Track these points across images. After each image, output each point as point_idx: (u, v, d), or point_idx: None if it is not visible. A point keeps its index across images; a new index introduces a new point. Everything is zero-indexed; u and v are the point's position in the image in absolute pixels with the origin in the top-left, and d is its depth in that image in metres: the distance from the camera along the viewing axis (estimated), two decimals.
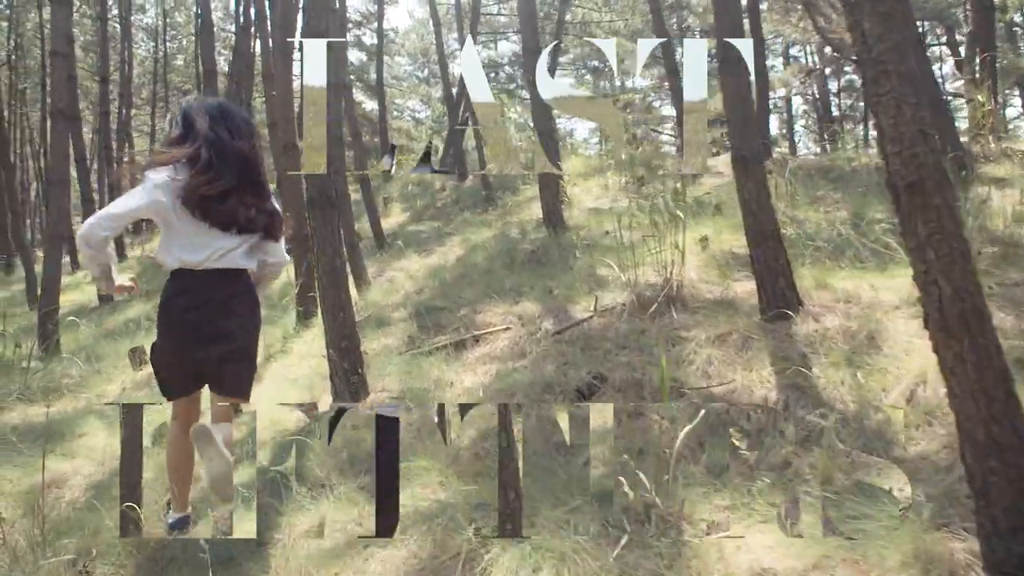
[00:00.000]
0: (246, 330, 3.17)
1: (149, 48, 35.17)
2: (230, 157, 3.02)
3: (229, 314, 3.07)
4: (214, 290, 3.05)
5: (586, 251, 8.38)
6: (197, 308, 3.04)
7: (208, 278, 3.04)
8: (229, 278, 3.08)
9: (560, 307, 6.05)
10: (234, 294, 3.09)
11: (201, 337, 3.04)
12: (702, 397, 3.97)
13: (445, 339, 5.79)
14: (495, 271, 7.99)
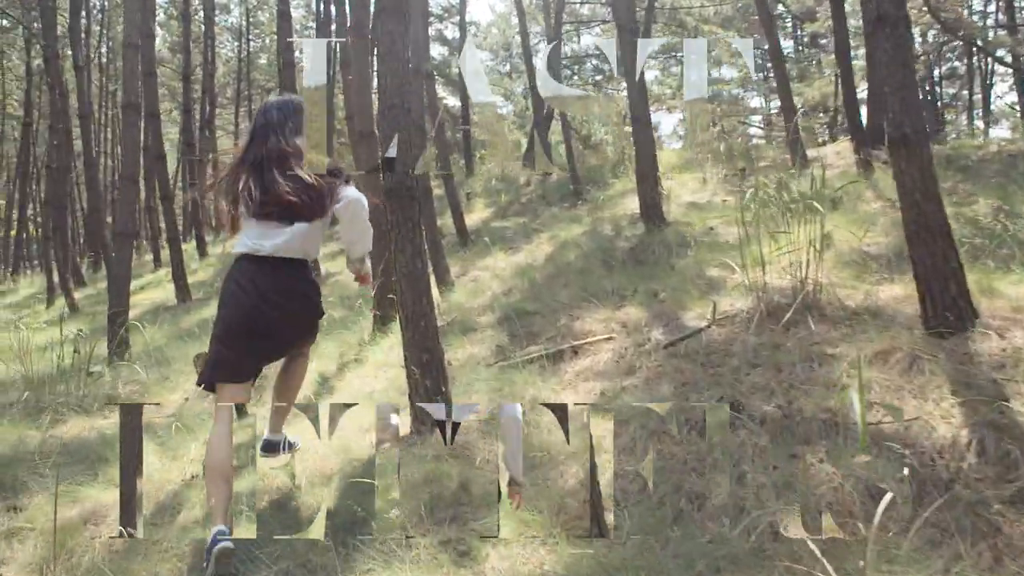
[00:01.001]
0: (300, 318, 3.40)
1: (233, 48, 35.56)
2: (251, 152, 3.35)
3: (279, 297, 3.25)
4: (266, 274, 3.25)
5: (690, 249, 7.57)
6: (248, 291, 3.25)
7: (262, 262, 3.26)
8: (276, 264, 3.26)
9: (669, 313, 5.27)
10: (286, 279, 3.28)
11: (253, 323, 3.26)
12: (873, 436, 3.15)
13: (539, 349, 5.08)
14: (591, 271, 7.25)
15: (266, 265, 3.25)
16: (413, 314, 3.96)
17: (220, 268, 16.47)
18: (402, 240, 3.96)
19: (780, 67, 11.62)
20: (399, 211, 3.98)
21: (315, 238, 3.36)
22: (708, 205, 10.33)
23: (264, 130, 3.34)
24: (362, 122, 6.08)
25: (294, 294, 3.29)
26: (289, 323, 3.32)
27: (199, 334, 8.86)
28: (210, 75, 23.02)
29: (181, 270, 12.89)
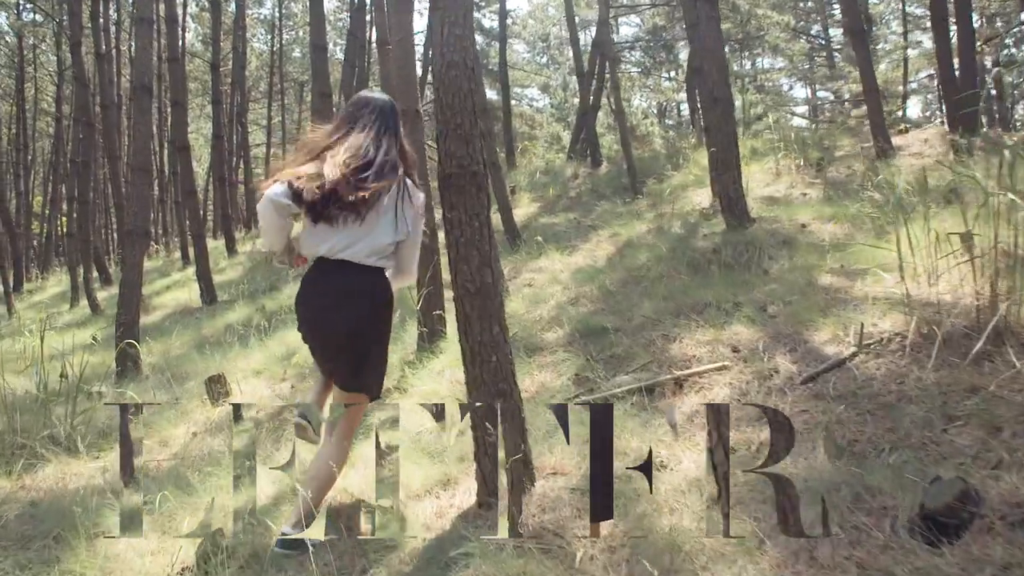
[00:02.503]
0: (362, 324, 3.06)
1: (266, 41, 34.82)
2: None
3: (344, 307, 3.04)
4: (335, 281, 3.06)
5: (785, 250, 6.47)
6: (319, 296, 3.08)
7: (332, 268, 3.06)
8: (349, 271, 3.05)
9: (791, 335, 4.19)
10: (354, 287, 3.05)
11: (319, 325, 3.12)
12: None
13: (632, 380, 4.02)
14: (672, 277, 6.17)
15: (339, 268, 3.07)
16: (481, 345, 2.93)
17: (250, 267, 15.60)
18: (465, 246, 2.93)
19: (862, 45, 10.41)
20: (461, 206, 2.94)
21: (384, 240, 3.08)
22: (787, 199, 9.20)
23: (347, 116, 3.18)
24: (405, 99, 5.06)
25: (363, 301, 3.08)
26: (344, 333, 3.05)
27: (221, 343, 7.94)
28: (241, 66, 22.19)
29: (206, 269, 12.00)
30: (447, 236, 2.99)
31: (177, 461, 4.20)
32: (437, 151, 3.03)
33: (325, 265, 3.06)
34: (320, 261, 3.08)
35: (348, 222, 2.97)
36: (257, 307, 10.41)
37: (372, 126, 3.07)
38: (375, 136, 3.05)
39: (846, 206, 7.64)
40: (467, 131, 2.96)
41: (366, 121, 3.08)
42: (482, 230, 2.95)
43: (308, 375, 5.56)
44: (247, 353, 7.18)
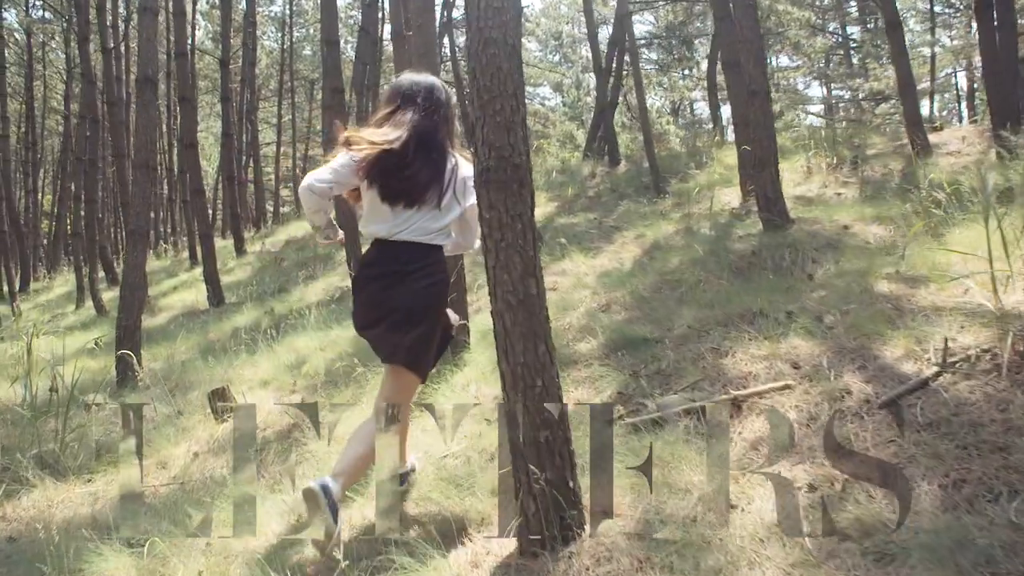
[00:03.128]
0: (416, 299, 3.04)
1: (277, 39, 34.47)
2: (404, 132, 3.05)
3: (400, 285, 3.04)
4: (392, 260, 3.06)
5: (829, 253, 6.04)
6: (375, 278, 3.09)
7: (389, 248, 3.08)
8: (404, 249, 3.06)
9: (858, 349, 3.76)
10: (411, 266, 3.04)
11: (372, 304, 3.10)
12: None
13: (682, 400, 3.60)
14: (709, 281, 5.74)
15: (394, 248, 3.10)
16: (524, 368, 2.51)
17: (259, 267, 15.23)
18: (507, 251, 2.51)
19: (898, 39, 9.95)
20: (501, 205, 2.53)
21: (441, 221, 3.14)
22: (821, 199, 8.76)
23: (426, 99, 3.16)
24: None
25: (417, 280, 3.07)
26: (396, 310, 3.04)
27: (227, 348, 7.55)
28: (251, 63, 21.81)
29: (214, 270, 11.64)
30: (484, 240, 2.58)
31: (176, 486, 3.80)
32: (473, 142, 2.61)
33: (382, 245, 3.10)
34: (377, 242, 3.12)
35: (403, 206, 3.04)
36: (266, 310, 10.03)
37: (418, 109, 3.10)
38: (421, 118, 3.08)
39: (889, 206, 7.20)
40: (508, 117, 2.55)
41: (410, 105, 3.10)
42: (525, 233, 2.53)
43: (320, 387, 5.16)
44: (254, 360, 6.79)
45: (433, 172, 3.05)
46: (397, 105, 3.11)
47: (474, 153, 2.61)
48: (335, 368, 5.61)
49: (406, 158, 3.00)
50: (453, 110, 3.26)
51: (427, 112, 3.10)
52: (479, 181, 2.57)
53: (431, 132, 3.08)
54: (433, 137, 3.08)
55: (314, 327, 7.83)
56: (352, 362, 5.84)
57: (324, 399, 4.77)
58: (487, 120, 2.55)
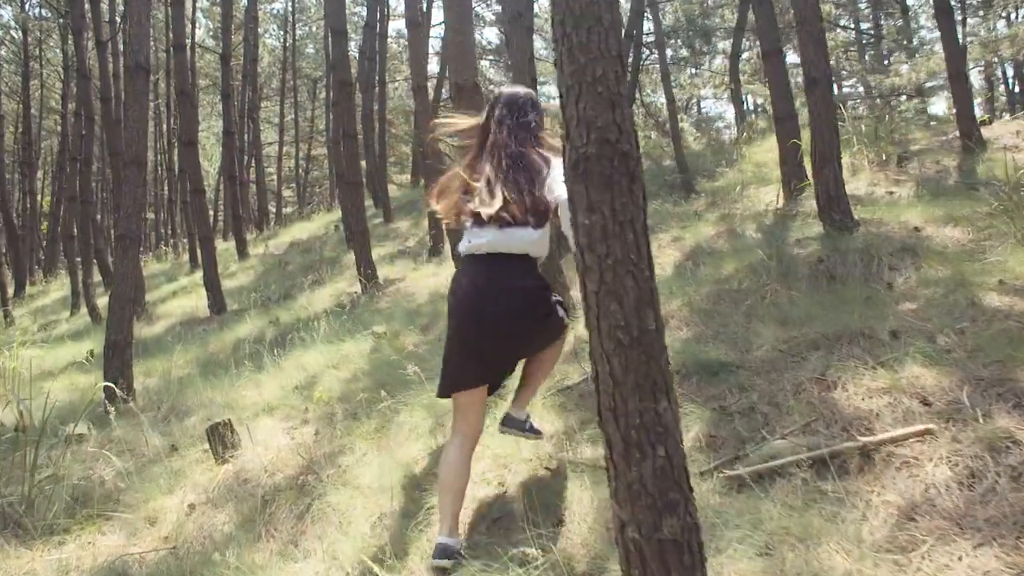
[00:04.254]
0: (515, 314, 2.91)
1: (279, 37, 33.78)
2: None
3: (495, 301, 2.91)
4: (483, 276, 2.96)
5: (908, 260, 5.34)
6: (468, 295, 2.97)
7: (479, 262, 2.99)
8: (494, 263, 2.96)
9: (1000, 380, 3.06)
10: (503, 280, 2.92)
11: (472, 322, 2.95)
12: None
13: (790, 447, 2.90)
14: (777, 292, 5.04)
15: (483, 263, 2.98)
16: (641, 430, 1.82)
17: (262, 271, 14.55)
18: (615, 270, 1.82)
19: (949, 25, 9.25)
20: (606, 207, 1.84)
21: (537, 237, 2.97)
22: (872, 198, 8.05)
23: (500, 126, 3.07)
24: (460, 70, 3.96)
25: (512, 291, 2.93)
26: (509, 324, 2.92)
27: (230, 364, 6.86)
28: (252, 60, 21.13)
29: (215, 276, 10.95)
30: (581, 254, 1.88)
31: (167, 551, 3.10)
32: (563, 122, 1.92)
33: (472, 259, 3.02)
34: (468, 257, 3.05)
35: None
36: (270, 319, 9.34)
37: (501, 132, 3.04)
38: (504, 142, 3.01)
39: (957, 206, 6.50)
40: (611, 87, 1.86)
41: (495, 131, 3.06)
42: (639, 246, 1.84)
43: (337, 417, 4.47)
44: (258, 379, 6.10)
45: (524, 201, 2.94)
46: (485, 136, 3.09)
47: (563, 139, 1.91)
48: (352, 393, 4.91)
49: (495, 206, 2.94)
50: (539, 107, 3.14)
51: (515, 129, 3.04)
52: (573, 175, 1.87)
53: (519, 158, 2.99)
54: (521, 160, 2.99)
55: (323, 340, 7.14)
56: (367, 383, 5.15)
57: (342, 433, 4.07)
58: (584, 91, 1.86)
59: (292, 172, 34.20)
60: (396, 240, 14.71)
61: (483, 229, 2.95)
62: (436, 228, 11.82)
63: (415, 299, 9.58)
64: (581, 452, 3.33)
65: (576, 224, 1.87)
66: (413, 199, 18.72)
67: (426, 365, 4.75)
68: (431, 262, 11.46)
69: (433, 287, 9.96)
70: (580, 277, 1.87)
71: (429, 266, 11.25)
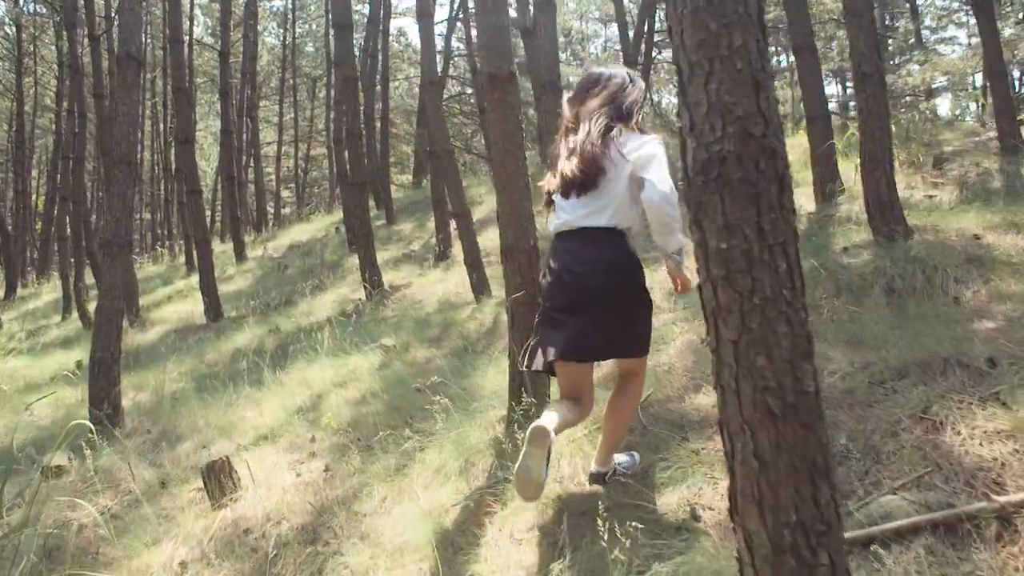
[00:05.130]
0: (607, 294, 2.79)
1: (278, 35, 33.23)
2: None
3: (583, 276, 2.81)
4: (571, 252, 2.88)
5: (974, 271, 4.86)
6: (558, 272, 2.90)
7: (568, 239, 2.91)
8: (583, 237, 2.86)
9: None
10: (590, 254, 2.83)
11: (559, 298, 2.88)
12: None
13: (904, 505, 2.40)
14: (836, 308, 4.56)
15: (569, 238, 2.92)
16: (797, 534, 1.31)
17: (261, 275, 14.03)
18: (762, 313, 1.33)
19: (988, 20, 8.76)
20: (749, 225, 1.34)
21: (619, 204, 2.82)
22: (911, 202, 7.55)
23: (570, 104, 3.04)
24: (496, 55, 3.48)
25: (597, 264, 2.81)
26: (595, 299, 2.79)
27: (227, 378, 6.37)
28: (252, 57, 20.60)
29: (211, 281, 10.44)
30: (713, 290, 1.39)
31: None
32: (683, 109, 1.42)
33: (562, 236, 2.94)
34: (558, 235, 2.96)
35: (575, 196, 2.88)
36: (270, 328, 8.84)
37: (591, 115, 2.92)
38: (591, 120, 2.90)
39: (1017, 211, 6.02)
40: (753, 62, 1.37)
41: (584, 110, 2.95)
42: (793, 279, 1.35)
43: (349, 449, 3.97)
44: (259, 397, 5.61)
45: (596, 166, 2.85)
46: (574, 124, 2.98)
47: (681, 131, 1.42)
48: (364, 418, 4.41)
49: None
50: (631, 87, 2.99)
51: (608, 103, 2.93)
52: (700, 182, 1.38)
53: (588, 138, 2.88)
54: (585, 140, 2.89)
55: (328, 353, 6.65)
56: (380, 407, 4.65)
57: (356, 471, 3.57)
58: (717, 68, 1.36)
59: (291, 172, 33.66)
60: (400, 243, 14.20)
61: (567, 201, 2.91)
62: (443, 231, 11.33)
63: (423, 307, 9.08)
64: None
65: (706, 249, 1.37)
66: (416, 200, 18.21)
67: (445, 389, 4.24)
68: (438, 267, 10.96)
69: (441, 294, 9.46)
70: (710, 322, 1.38)
71: (436, 271, 10.74)
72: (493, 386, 4.67)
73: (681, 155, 1.41)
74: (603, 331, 2.80)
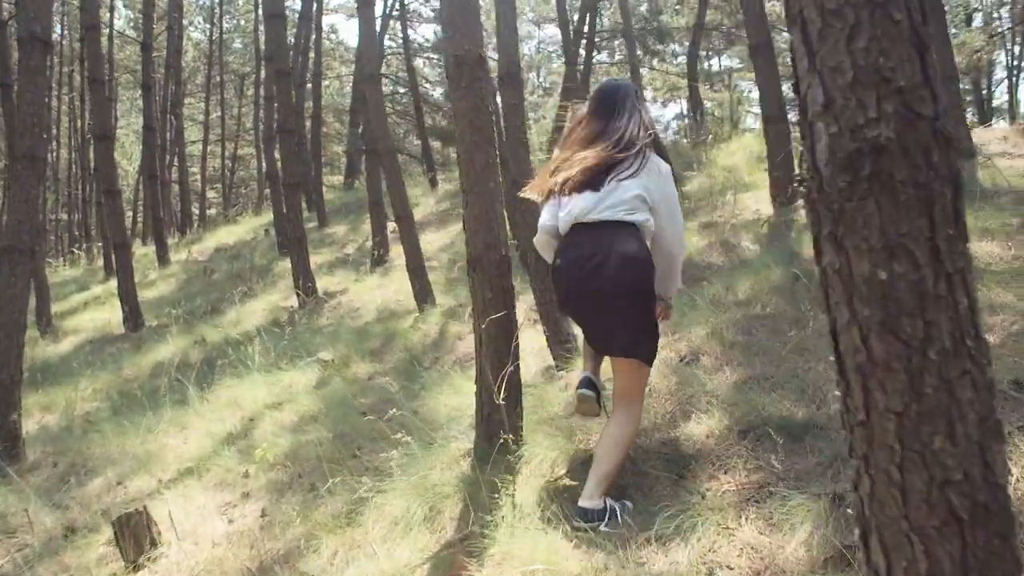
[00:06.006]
0: (608, 283, 2.74)
1: (205, 29, 32.03)
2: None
3: (590, 269, 2.77)
4: (580, 245, 2.83)
5: None
6: (567, 264, 2.87)
7: (577, 232, 2.86)
8: (593, 231, 2.81)
9: None
10: (599, 247, 2.77)
11: (571, 292, 2.87)
12: None
13: None
14: (823, 321, 4.21)
15: (576, 230, 2.87)
16: None
17: (185, 280, 13.26)
18: (939, 368, 0.89)
19: (940, 20, 8.65)
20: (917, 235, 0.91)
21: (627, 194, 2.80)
22: None
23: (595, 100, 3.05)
24: (462, 39, 3.02)
25: (596, 255, 2.78)
26: (595, 291, 2.76)
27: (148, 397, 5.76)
28: (176, 50, 19.67)
29: (131, 287, 9.69)
30: (852, 337, 0.96)
31: None
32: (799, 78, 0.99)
33: (572, 231, 2.86)
34: (568, 230, 2.87)
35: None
36: (195, 339, 8.19)
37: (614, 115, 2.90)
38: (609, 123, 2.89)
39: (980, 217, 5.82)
40: (911, 18, 0.95)
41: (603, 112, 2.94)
42: (975, 319, 0.92)
43: (290, 488, 3.45)
44: (183, 419, 5.03)
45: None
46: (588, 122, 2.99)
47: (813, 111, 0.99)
48: (305, 449, 3.90)
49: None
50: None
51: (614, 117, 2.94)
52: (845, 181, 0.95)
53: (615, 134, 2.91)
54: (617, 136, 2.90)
55: (260, 368, 6.09)
56: (322, 434, 4.13)
57: (299, 517, 3.06)
58: (863, 20, 0.96)
59: (217, 172, 32.46)
60: (333, 247, 13.59)
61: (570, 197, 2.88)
62: (380, 235, 10.78)
63: (361, 316, 8.55)
64: None
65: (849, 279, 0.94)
66: (348, 202, 17.59)
67: (396, 414, 3.75)
68: (375, 272, 10.42)
69: (380, 302, 8.94)
70: (853, 382, 0.95)
71: (373, 277, 10.20)
72: (449, 410, 4.21)
73: (806, 144, 0.98)
74: (603, 326, 2.90)
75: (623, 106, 2.91)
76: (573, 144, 2.93)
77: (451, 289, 8.58)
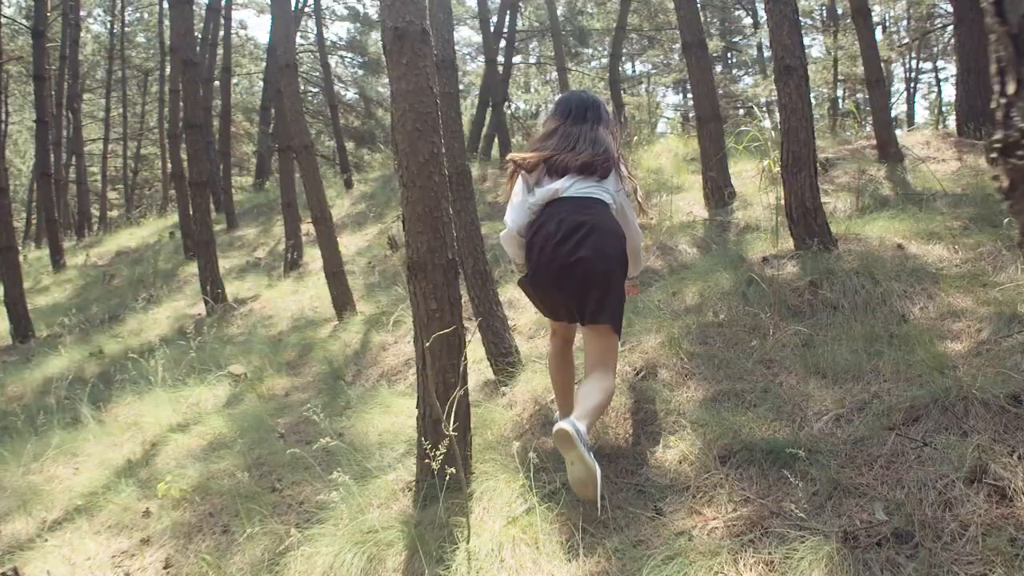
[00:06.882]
0: (588, 252, 2.81)
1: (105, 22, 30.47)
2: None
3: (569, 239, 2.84)
4: (557, 217, 2.90)
5: (917, 285, 4.41)
6: (544, 238, 2.89)
7: (553, 207, 2.93)
8: (570, 204, 2.91)
9: None
10: (578, 219, 2.86)
11: (547, 262, 2.89)
12: None
13: None
14: (782, 328, 3.94)
15: (557, 204, 2.95)
16: None
17: (82, 286, 12.34)
18: None
19: (867, 28, 8.62)
20: None
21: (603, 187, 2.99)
22: None
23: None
24: (401, 8, 2.60)
25: (582, 227, 2.85)
26: (582, 258, 2.80)
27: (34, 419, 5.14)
28: (73, 41, 18.50)
29: (19, 294, 8.85)
30: None
31: None
32: None
33: (547, 207, 2.93)
34: (543, 208, 2.94)
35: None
36: (92, 350, 7.49)
37: (584, 122, 3.09)
38: (587, 129, 3.06)
39: (925, 221, 5.69)
40: None
41: (574, 119, 3.10)
42: None
43: (199, 530, 2.96)
44: (74, 446, 4.46)
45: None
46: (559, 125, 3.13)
47: None
48: (216, 480, 3.40)
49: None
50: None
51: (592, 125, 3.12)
52: None
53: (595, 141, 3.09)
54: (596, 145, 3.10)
55: (163, 383, 5.53)
56: (235, 461, 3.65)
57: (211, 569, 2.58)
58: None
59: (119, 172, 30.91)
60: (243, 250, 12.89)
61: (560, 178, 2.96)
62: (294, 237, 10.19)
63: (275, 324, 7.98)
64: None
65: None
66: (259, 203, 16.81)
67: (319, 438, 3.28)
68: (289, 277, 9.84)
69: (296, 309, 8.38)
70: None
71: (287, 282, 9.62)
72: (380, 432, 3.78)
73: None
74: (574, 295, 2.92)
75: (606, 118, 3.16)
76: (559, 145, 3.03)
77: (371, 295, 8.10)
